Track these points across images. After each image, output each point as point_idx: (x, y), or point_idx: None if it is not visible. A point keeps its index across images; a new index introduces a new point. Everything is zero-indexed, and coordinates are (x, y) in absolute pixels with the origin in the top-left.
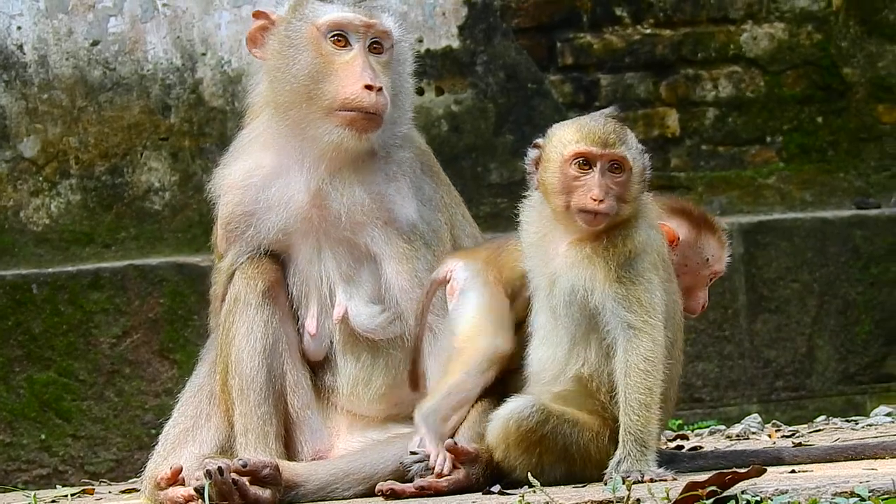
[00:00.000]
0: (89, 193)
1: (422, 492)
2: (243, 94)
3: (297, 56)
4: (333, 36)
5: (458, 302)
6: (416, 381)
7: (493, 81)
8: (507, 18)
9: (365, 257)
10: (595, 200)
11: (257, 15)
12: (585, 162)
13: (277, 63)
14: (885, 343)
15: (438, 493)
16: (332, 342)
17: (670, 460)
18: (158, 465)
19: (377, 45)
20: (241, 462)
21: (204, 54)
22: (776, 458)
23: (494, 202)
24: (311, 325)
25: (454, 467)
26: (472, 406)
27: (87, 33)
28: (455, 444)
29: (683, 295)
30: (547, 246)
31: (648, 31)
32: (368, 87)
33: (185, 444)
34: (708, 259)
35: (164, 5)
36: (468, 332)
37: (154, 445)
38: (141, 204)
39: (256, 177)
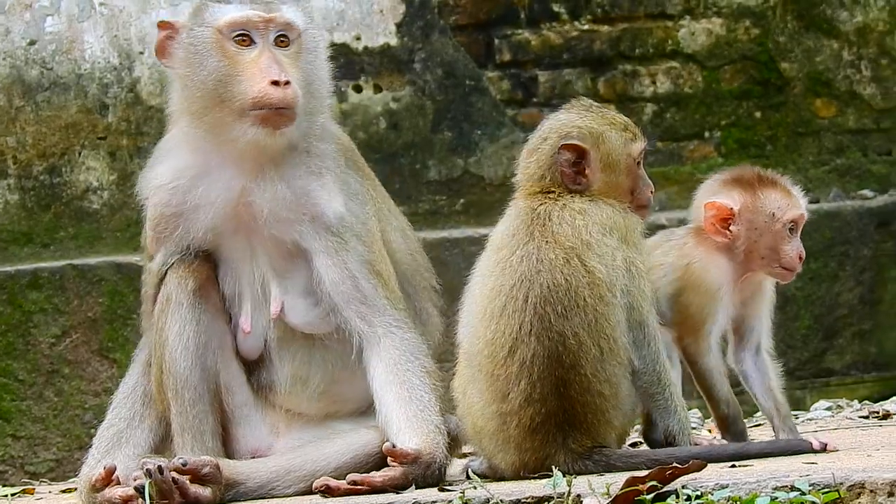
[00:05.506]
0: (27, 193)
1: (354, 487)
2: None
3: (202, 62)
4: (236, 36)
5: None
6: None
7: (431, 79)
8: (445, 15)
9: (296, 252)
10: None
11: (162, 25)
12: None
13: (185, 71)
14: (825, 338)
15: (373, 488)
16: (266, 340)
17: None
18: (93, 467)
19: (283, 38)
20: (180, 461)
21: (141, 53)
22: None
23: (433, 199)
24: (245, 322)
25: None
26: None
27: (24, 33)
28: (393, 446)
29: (771, 257)
30: None
31: (586, 27)
32: (275, 83)
33: (120, 446)
34: (773, 213)
35: (101, 4)
36: None
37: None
38: (79, 203)
39: (183, 178)
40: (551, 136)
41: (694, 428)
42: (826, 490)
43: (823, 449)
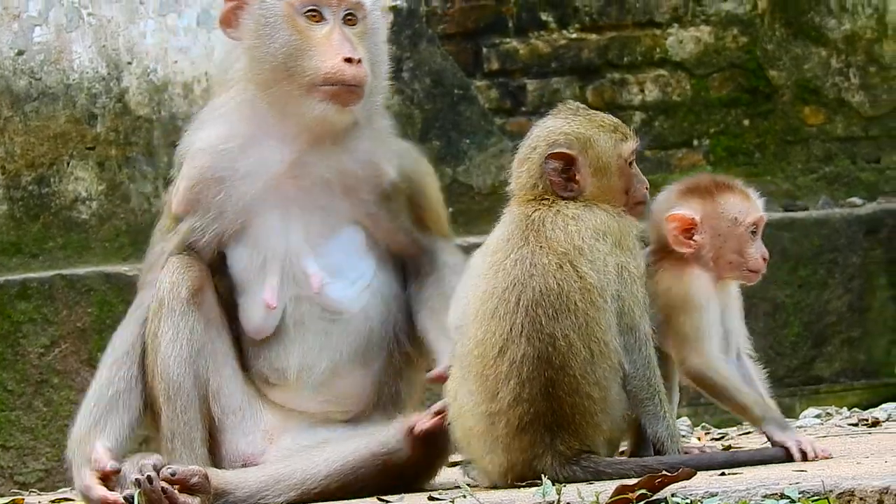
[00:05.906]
0: (16, 203)
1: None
2: (169, 102)
3: (273, 34)
4: (307, 11)
5: None
6: None
7: (420, 87)
8: (433, 24)
9: (342, 225)
10: None
11: None
12: None
13: (255, 42)
14: (814, 345)
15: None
16: (284, 317)
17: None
18: (90, 427)
19: (351, 16)
20: (169, 471)
21: (130, 63)
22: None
23: None
24: (270, 297)
25: None
26: None
27: (12, 43)
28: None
29: (738, 261)
30: None
31: (574, 35)
32: (348, 60)
33: (116, 409)
34: (735, 217)
35: (90, 14)
36: None
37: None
38: (68, 213)
39: (232, 143)
40: (539, 145)
41: (683, 436)
42: (815, 498)
43: (804, 458)
